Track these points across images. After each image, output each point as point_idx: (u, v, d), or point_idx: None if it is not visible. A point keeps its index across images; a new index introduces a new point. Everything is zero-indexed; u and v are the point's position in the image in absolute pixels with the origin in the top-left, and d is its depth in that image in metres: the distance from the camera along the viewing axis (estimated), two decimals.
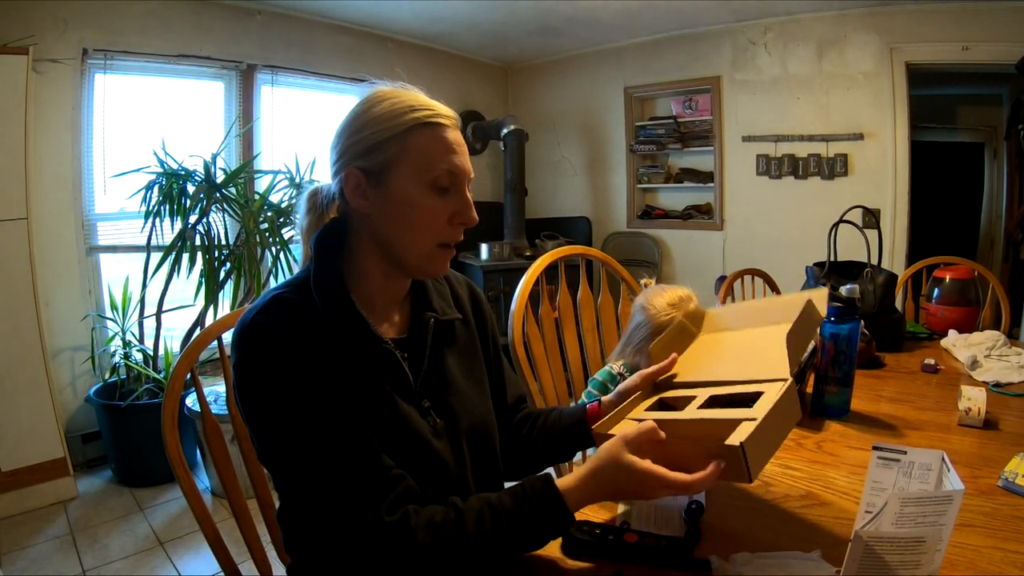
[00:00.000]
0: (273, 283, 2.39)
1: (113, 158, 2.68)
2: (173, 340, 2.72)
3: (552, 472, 0.73)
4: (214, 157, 2.48)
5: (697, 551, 0.70)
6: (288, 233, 2.53)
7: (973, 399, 1.10)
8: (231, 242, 2.57)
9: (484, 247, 3.66)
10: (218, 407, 2.20)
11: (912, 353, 1.64)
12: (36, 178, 2.31)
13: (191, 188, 2.41)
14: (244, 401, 0.67)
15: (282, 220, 2.54)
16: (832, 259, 1.79)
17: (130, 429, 2.43)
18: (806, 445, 1.03)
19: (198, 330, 2.49)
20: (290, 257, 2.50)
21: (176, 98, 2.95)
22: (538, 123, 4.38)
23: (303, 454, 0.64)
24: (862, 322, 1.25)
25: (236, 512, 0.93)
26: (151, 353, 2.57)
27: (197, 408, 2.27)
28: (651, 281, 1.38)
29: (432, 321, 0.80)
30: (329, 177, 0.77)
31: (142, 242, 2.48)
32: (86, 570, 1.90)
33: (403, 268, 0.76)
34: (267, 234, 2.51)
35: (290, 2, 3.15)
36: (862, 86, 3.21)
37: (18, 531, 2.09)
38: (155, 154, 2.40)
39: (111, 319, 2.66)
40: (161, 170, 2.40)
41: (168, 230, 2.42)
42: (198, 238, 2.44)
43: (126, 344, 2.62)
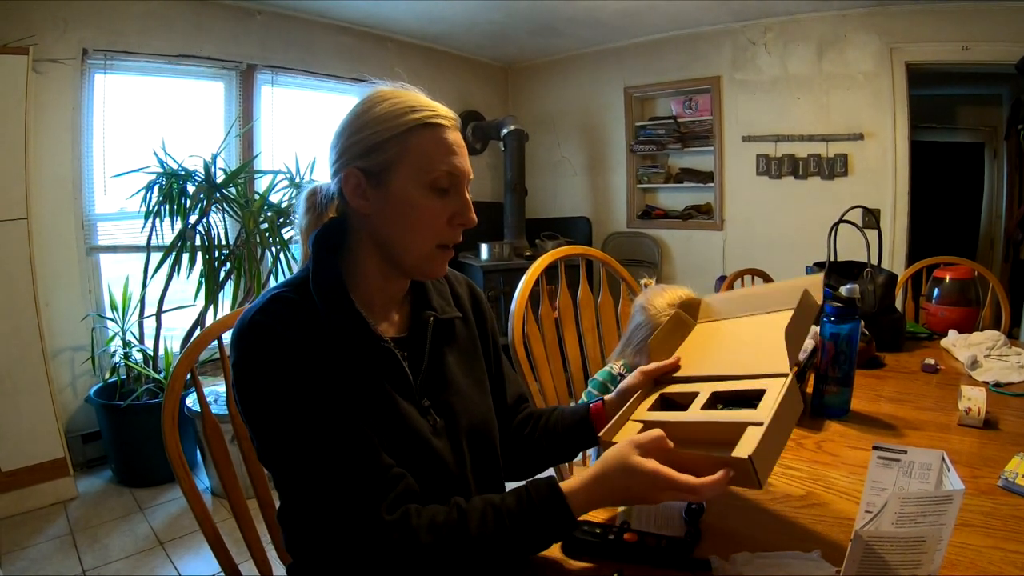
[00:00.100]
0: (273, 283, 2.39)
1: (113, 158, 2.68)
2: (173, 340, 2.73)
3: (554, 474, 0.73)
4: (214, 157, 2.48)
5: (697, 551, 0.70)
6: (288, 233, 2.53)
7: (973, 399, 1.10)
8: (231, 242, 2.57)
9: (484, 247, 3.66)
10: (218, 407, 2.20)
11: (912, 353, 1.64)
12: (36, 178, 2.31)
13: (191, 188, 2.41)
14: (244, 401, 0.67)
15: (282, 220, 2.54)
16: (832, 259, 1.79)
17: (130, 429, 2.43)
18: (806, 445, 1.03)
19: (198, 330, 2.49)
20: (290, 257, 2.50)
21: (176, 98, 2.95)
22: (538, 123, 4.38)
23: (303, 453, 0.64)
24: (862, 322, 1.25)
25: (236, 512, 0.93)
26: (151, 353, 2.57)
27: (197, 408, 2.27)
28: (651, 281, 1.38)
29: (432, 320, 0.80)
30: (328, 177, 0.77)
31: (142, 242, 2.48)
32: (86, 570, 1.90)
33: (402, 268, 0.76)
34: (267, 234, 2.51)
35: (290, 2, 3.15)
36: (862, 86, 3.21)
37: (18, 531, 2.09)
38: (155, 154, 2.40)
39: (111, 319, 2.66)
40: (161, 170, 2.40)
41: (168, 230, 2.43)
42: (198, 238, 2.44)
43: (126, 344, 2.62)
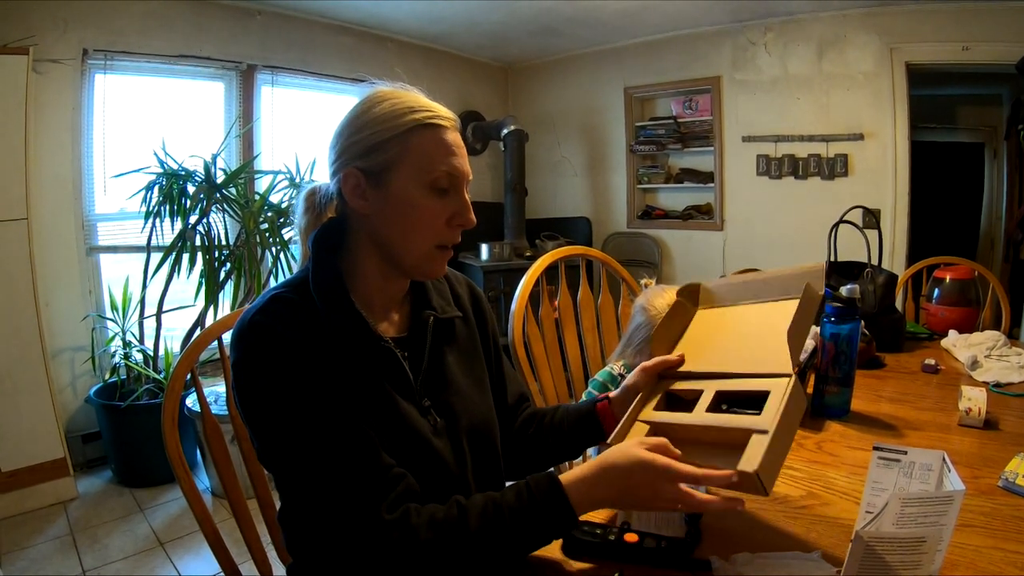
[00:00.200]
0: (273, 283, 2.39)
1: (113, 158, 2.68)
2: (173, 340, 2.73)
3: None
4: (214, 157, 2.48)
5: (697, 551, 0.70)
6: (288, 233, 2.53)
7: (973, 399, 1.10)
8: (231, 242, 2.57)
9: (484, 247, 3.66)
10: (218, 407, 2.20)
11: (912, 353, 1.64)
12: (36, 178, 2.30)
13: (191, 188, 2.41)
14: (243, 401, 0.67)
15: (282, 220, 2.54)
16: (832, 259, 1.79)
17: (130, 429, 2.43)
18: (806, 445, 1.03)
19: (198, 330, 2.49)
20: (290, 257, 2.50)
21: (176, 98, 2.95)
22: (538, 123, 4.38)
23: (303, 454, 0.64)
24: (862, 322, 1.25)
25: (236, 512, 0.93)
26: (151, 353, 2.57)
27: (197, 408, 2.27)
28: (651, 281, 1.38)
29: (432, 320, 0.80)
30: (328, 177, 0.77)
31: (142, 242, 2.48)
32: (86, 570, 1.90)
33: (401, 268, 0.76)
34: (267, 234, 2.51)
35: (290, 2, 3.15)
36: (862, 86, 3.21)
37: (18, 531, 2.09)
38: (155, 154, 2.40)
39: (111, 319, 2.66)
40: (161, 170, 2.40)
41: (168, 230, 2.43)
42: (198, 238, 2.44)
43: (126, 344, 2.62)
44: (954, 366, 1.51)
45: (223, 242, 2.53)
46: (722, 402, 0.75)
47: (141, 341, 2.63)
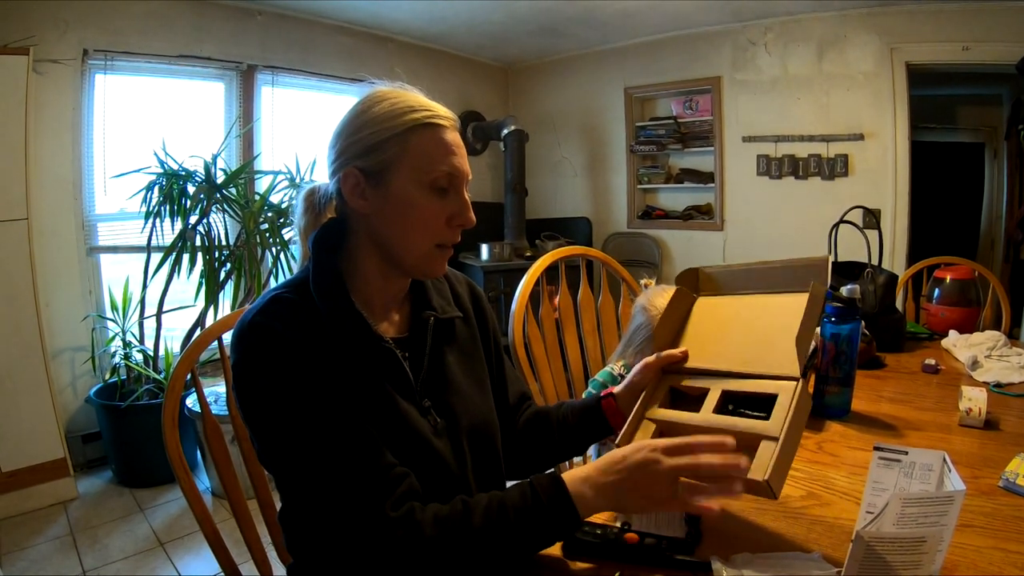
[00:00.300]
0: (273, 283, 2.39)
1: (113, 159, 2.68)
2: (173, 341, 2.73)
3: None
4: (214, 158, 2.48)
5: (698, 552, 0.70)
6: (288, 234, 2.53)
7: (974, 399, 1.09)
8: (231, 243, 2.57)
9: (484, 247, 3.66)
10: (218, 407, 2.20)
11: (913, 353, 1.64)
12: (36, 178, 2.31)
13: (191, 189, 2.41)
14: (244, 401, 0.67)
15: (282, 221, 2.54)
16: (833, 259, 1.79)
17: (130, 430, 2.43)
18: (806, 445, 1.03)
19: (198, 331, 2.49)
20: (290, 257, 2.50)
21: (176, 99, 2.95)
22: (538, 123, 4.38)
23: (305, 453, 0.64)
24: (863, 322, 1.25)
25: (236, 512, 0.93)
26: (151, 354, 2.57)
27: (197, 408, 2.27)
28: (651, 282, 1.38)
29: (432, 320, 0.79)
30: (327, 177, 0.77)
31: (142, 243, 2.48)
32: (86, 571, 1.90)
33: (401, 268, 0.76)
34: (267, 235, 2.51)
35: (290, 2, 3.15)
36: (862, 86, 3.21)
37: (18, 531, 2.09)
38: (155, 155, 2.40)
39: (111, 320, 2.66)
40: (161, 171, 2.40)
41: (168, 231, 2.43)
42: (198, 239, 2.44)
43: (126, 345, 2.62)
44: (954, 366, 1.51)
45: (223, 242, 2.53)
46: (728, 402, 0.76)
47: (141, 341, 2.63)
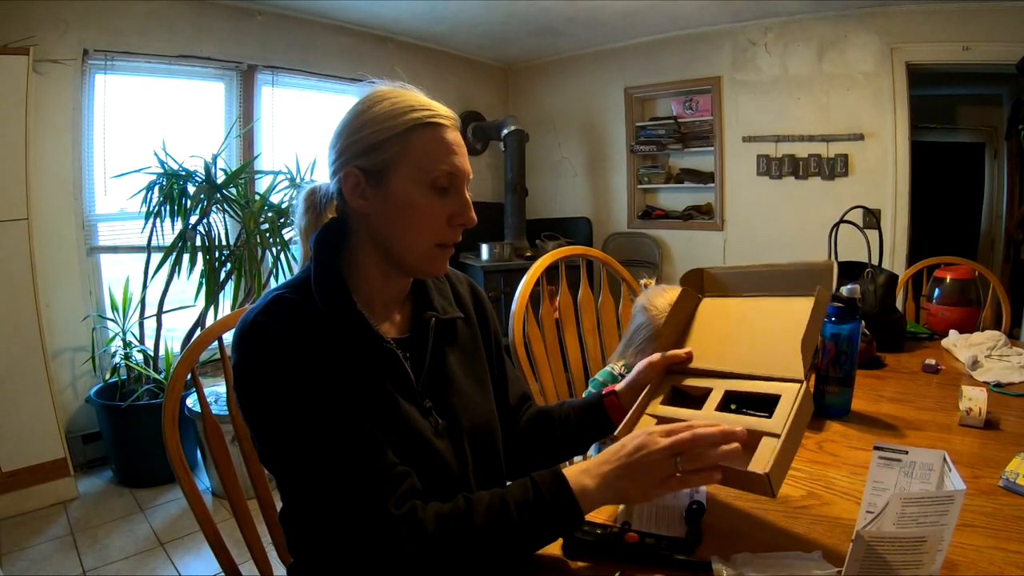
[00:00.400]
0: (274, 284, 2.39)
1: (114, 159, 2.68)
2: (173, 341, 2.73)
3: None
4: (214, 158, 2.48)
5: (698, 551, 0.70)
6: (288, 234, 2.53)
7: (974, 399, 1.10)
8: (231, 243, 2.57)
9: (484, 247, 3.66)
10: (218, 407, 2.20)
11: (913, 353, 1.64)
12: (36, 179, 2.30)
13: (191, 189, 2.41)
14: (246, 402, 0.67)
15: (282, 221, 2.54)
16: (833, 259, 1.79)
17: (130, 430, 2.43)
18: (807, 445, 1.03)
19: (198, 331, 2.49)
20: (290, 257, 2.50)
21: (176, 99, 2.95)
22: (538, 123, 4.38)
23: (306, 453, 0.64)
24: (863, 322, 1.25)
25: (236, 513, 0.93)
26: (151, 354, 2.57)
27: (198, 408, 2.26)
28: (651, 281, 1.38)
29: (433, 320, 0.79)
30: (328, 177, 0.77)
31: (143, 243, 2.48)
32: (86, 571, 1.90)
33: (402, 268, 0.76)
34: (267, 235, 2.51)
35: (290, 2, 3.15)
36: (862, 86, 3.21)
37: (18, 531, 2.09)
38: (155, 155, 2.40)
39: (111, 320, 2.66)
40: (161, 171, 2.40)
41: (168, 231, 2.43)
42: (198, 239, 2.44)
43: (126, 345, 2.62)
44: (955, 366, 1.51)
45: (223, 242, 2.53)
46: (731, 402, 0.76)
47: (141, 341, 2.63)
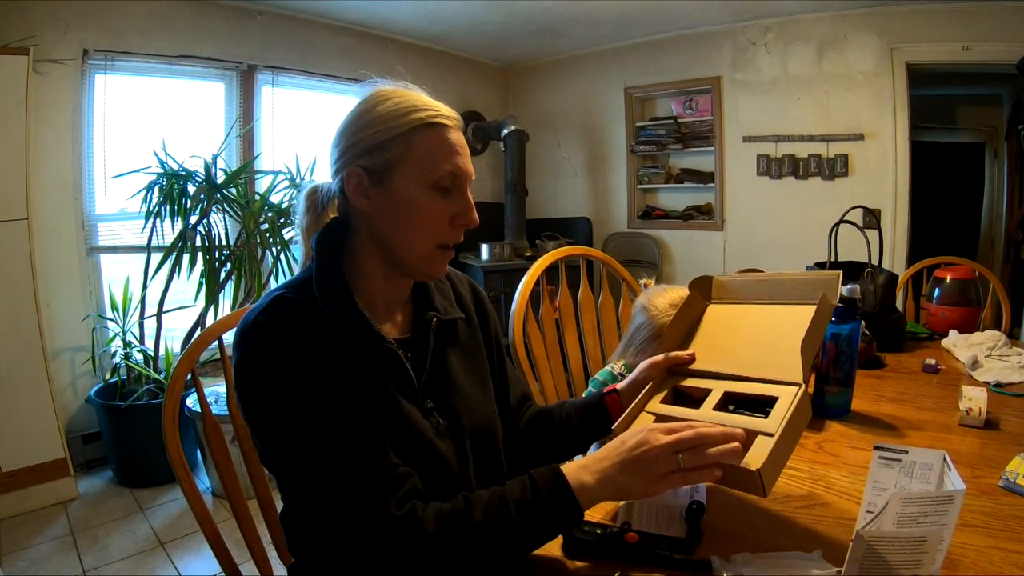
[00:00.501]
0: (274, 284, 2.39)
1: (114, 159, 2.68)
2: (174, 341, 2.73)
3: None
4: (215, 157, 2.48)
5: (698, 551, 0.70)
6: (289, 233, 2.53)
7: (974, 399, 1.10)
8: (231, 243, 2.57)
9: (484, 247, 3.66)
10: (219, 407, 2.20)
11: (913, 353, 1.64)
12: (36, 178, 2.30)
13: (192, 189, 2.41)
14: (246, 402, 0.67)
15: (283, 221, 2.54)
16: (833, 259, 1.79)
17: (130, 430, 2.43)
18: (807, 445, 1.03)
19: (199, 331, 2.49)
20: (290, 257, 2.50)
21: (176, 99, 2.95)
22: (538, 123, 4.38)
23: (307, 453, 0.64)
24: (863, 322, 1.25)
25: (237, 513, 0.93)
26: (151, 354, 2.57)
27: (198, 408, 2.26)
28: (651, 281, 1.38)
29: (435, 321, 0.79)
30: (329, 176, 0.77)
31: (143, 243, 2.48)
32: (86, 571, 1.90)
33: (403, 268, 0.76)
34: (268, 235, 2.51)
35: (290, 2, 3.15)
36: (862, 86, 3.21)
37: (18, 531, 2.09)
38: (155, 155, 2.40)
39: (112, 320, 2.66)
40: (161, 171, 2.40)
41: (168, 231, 2.42)
42: (198, 239, 2.44)
43: (127, 345, 2.62)
44: (955, 366, 1.51)
45: (223, 242, 2.53)
46: (729, 403, 0.76)
47: (141, 341, 2.63)
